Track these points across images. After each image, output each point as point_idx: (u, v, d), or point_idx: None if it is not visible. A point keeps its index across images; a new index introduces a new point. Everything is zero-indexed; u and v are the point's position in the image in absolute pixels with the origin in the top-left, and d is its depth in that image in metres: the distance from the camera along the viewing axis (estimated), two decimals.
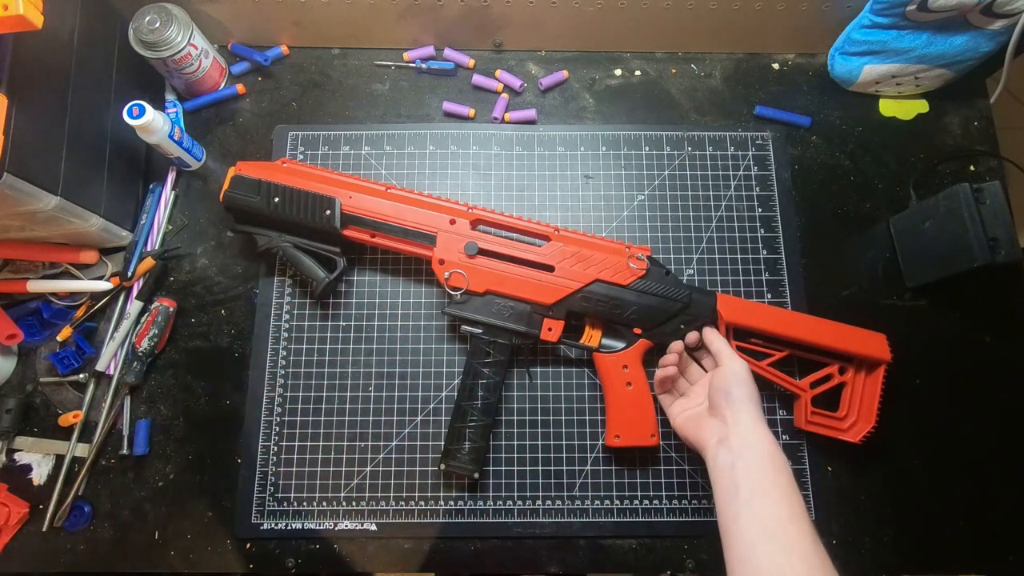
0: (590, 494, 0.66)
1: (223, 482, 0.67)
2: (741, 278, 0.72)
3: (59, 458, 0.67)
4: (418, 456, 0.67)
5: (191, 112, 0.77)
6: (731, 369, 0.59)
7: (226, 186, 0.66)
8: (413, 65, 0.79)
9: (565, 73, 0.79)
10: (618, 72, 0.81)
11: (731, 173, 0.76)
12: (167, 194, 0.74)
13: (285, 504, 0.66)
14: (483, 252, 0.65)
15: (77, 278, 0.70)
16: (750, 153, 0.77)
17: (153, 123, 0.66)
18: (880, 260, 0.74)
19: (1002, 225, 0.63)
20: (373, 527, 0.65)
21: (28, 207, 0.57)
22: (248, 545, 0.65)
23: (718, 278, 0.72)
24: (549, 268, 0.66)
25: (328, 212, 0.65)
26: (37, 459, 0.67)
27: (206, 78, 0.75)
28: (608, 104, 0.79)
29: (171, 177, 0.75)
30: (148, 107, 0.65)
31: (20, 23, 0.49)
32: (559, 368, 0.70)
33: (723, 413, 0.57)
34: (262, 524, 0.65)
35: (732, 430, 0.55)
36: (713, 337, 0.64)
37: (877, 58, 0.75)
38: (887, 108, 0.79)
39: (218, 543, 0.65)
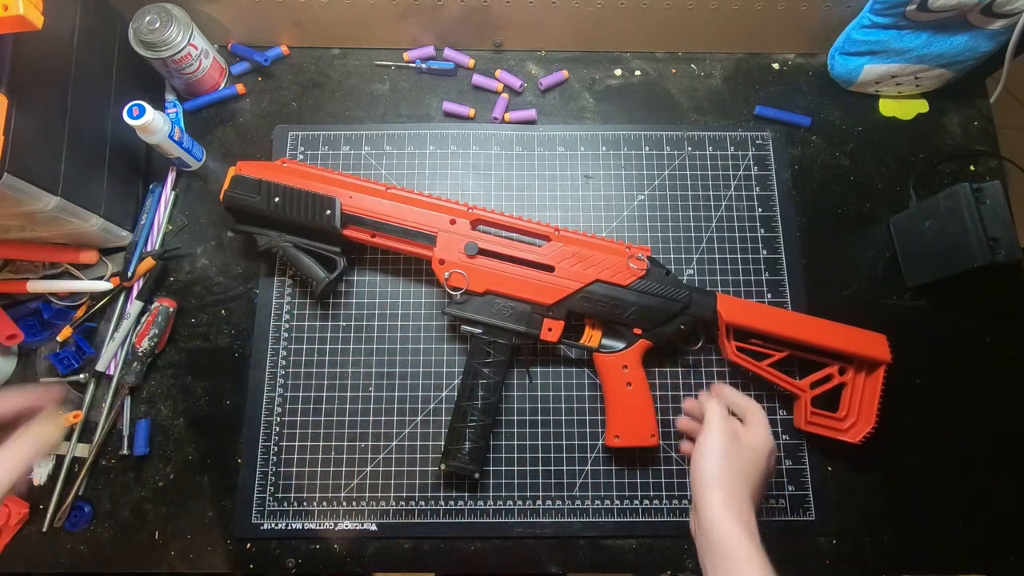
0: (590, 494, 0.66)
1: (223, 482, 0.67)
2: (741, 278, 0.72)
3: (59, 458, 0.67)
4: (418, 456, 0.67)
5: (191, 112, 0.77)
6: (700, 444, 0.52)
7: (226, 186, 0.66)
8: (413, 65, 0.79)
9: (565, 73, 0.79)
10: (618, 72, 0.81)
11: (731, 173, 0.76)
12: (167, 194, 0.74)
13: (285, 504, 0.66)
14: (483, 252, 0.65)
15: (77, 278, 0.70)
16: (750, 153, 0.77)
17: (153, 123, 0.66)
18: (880, 260, 0.74)
19: (1002, 225, 0.63)
20: (373, 527, 0.65)
21: (28, 207, 0.57)
22: (248, 545, 0.65)
23: (718, 278, 0.72)
24: (549, 268, 0.65)
25: (328, 212, 0.65)
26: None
27: (206, 78, 0.75)
28: (608, 104, 0.79)
29: (171, 177, 0.75)
30: (148, 107, 0.65)
31: (20, 23, 0.49)
32: (559, 368, 0.70)
33: (694, 497, 0.50)
34: (262, 524, 0.65)
35: (699, 523, 0.48)
36: (716, 393, 0.58)
37: (877, 58, 0.75)
38: (887, 108, 0.79)
39: (218, 543, 0.65)
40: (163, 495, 0.67)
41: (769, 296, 0.72)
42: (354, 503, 0.66)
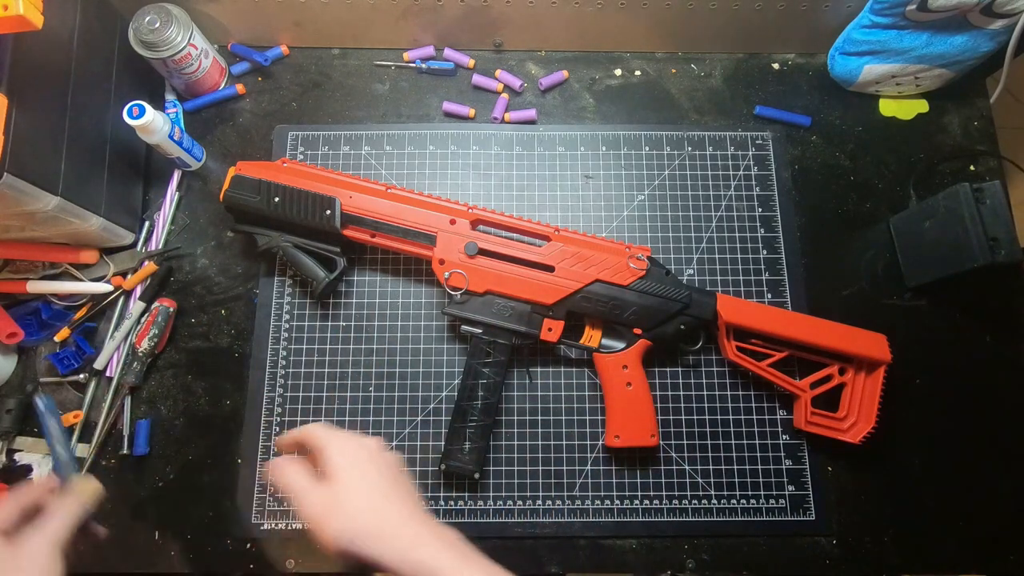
0: (590, 494, 0.66)
1: (223, 482, 0.67)
2: (741, 278, 0.72)
3: None
4: (418, 456, 0.67)
5: (191, 112, 0.77)
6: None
7: (226, 186, 0.66)
8: (413, 65, 0.79)
9: (565, 73, 0.79)
10: (618, 72, 0.81)
11: (731, 173, 0.76)
12: (171, 194, 0.74)
13: (285, 504, 0.66)
14: (483, 252, 0.65)
15: (78, 279, 0.70)
16: (750, 153, 0.77)
17: (153, 123, 0.66)
18: (880, 260, 0.74)
19: (1002, 225, 0.63)
20: None
21: (28, 207, 0.57)
22: (248, 545, 0.65)
23: (718, 278, 0.72)
24: (549, 268, 0.65)
25: (328, 212, 0.65)
26: (37, 459, 0.67)
27: (206, 78, 0.75)
28: (608, 104, 0.79)
29: (176, 176, 0.74)
30: (148, 107, 0.65)
31: (20, 23, 0.49)
32: (559, 368, 0.70)
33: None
34: (262, 524, 0.65)
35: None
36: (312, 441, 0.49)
37: (877, 58, 0.75)
38: (887, 108, 0.79)
39: (218, 543, 0.65)
40: (163, 495, 0.67)
41: (769, 296, 0.72)
42: None
